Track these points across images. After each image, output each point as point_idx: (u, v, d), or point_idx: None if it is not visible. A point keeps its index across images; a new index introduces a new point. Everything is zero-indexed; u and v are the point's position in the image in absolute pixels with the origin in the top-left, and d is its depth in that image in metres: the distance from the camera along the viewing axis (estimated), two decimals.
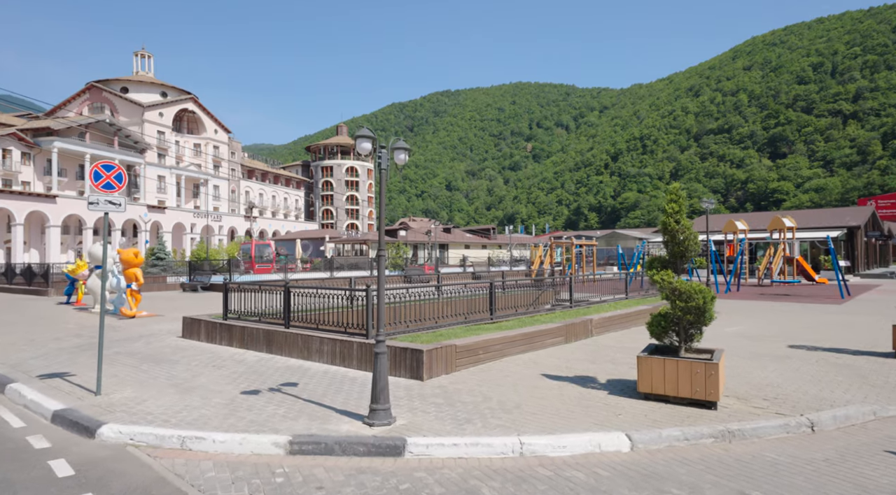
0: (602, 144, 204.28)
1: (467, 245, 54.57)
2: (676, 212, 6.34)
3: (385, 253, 5.93)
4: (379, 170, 5.82)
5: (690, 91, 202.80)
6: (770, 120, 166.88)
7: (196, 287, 27.42)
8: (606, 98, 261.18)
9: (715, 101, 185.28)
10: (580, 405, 6.18)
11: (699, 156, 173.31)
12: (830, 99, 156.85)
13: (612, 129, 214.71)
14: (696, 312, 6.16)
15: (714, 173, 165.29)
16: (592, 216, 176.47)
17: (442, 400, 6.49)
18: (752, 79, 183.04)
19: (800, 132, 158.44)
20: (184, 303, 20.98)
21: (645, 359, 6.29)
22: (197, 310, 16.93)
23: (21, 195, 46.81)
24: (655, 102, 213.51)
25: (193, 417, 5.85)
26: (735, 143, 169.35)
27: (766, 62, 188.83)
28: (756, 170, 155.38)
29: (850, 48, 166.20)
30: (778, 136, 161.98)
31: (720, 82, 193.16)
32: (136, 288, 15.95)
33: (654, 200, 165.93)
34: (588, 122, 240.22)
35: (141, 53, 72.43)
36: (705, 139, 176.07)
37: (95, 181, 6.70)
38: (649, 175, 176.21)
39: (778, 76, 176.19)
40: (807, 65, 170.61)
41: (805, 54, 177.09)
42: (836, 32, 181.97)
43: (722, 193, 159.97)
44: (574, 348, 9.95)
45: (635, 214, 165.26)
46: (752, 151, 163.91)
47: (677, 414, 5.79)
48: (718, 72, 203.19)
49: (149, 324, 14.33)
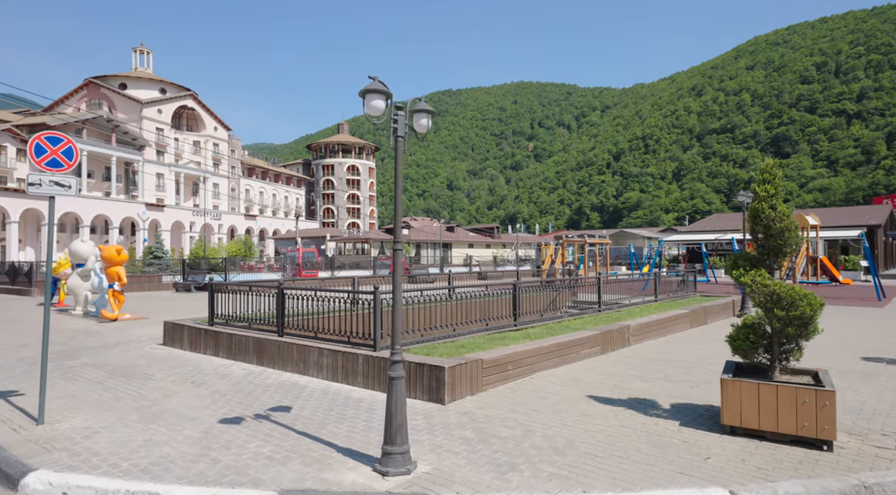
0: (604, 144, 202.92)
1: (471, 244, 53.18)
2: (771, 196, 4.99)
3: (402, 246, 4.58)
4: (395, 138, 4.47)
5: (693, 90, 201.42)
6: (773, 119, 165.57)
7: (189, 287, 26.03)
8: (608, 97, 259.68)
9: (718, 101, 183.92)
10: (651, 443, 4.82)
11: (702, 156, 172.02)
12: (834, 98, 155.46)
13: (614, 129, 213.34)
14: (798, 324, 4.81)
15: (717, 173, 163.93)
16: (594, 216, 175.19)
17: (472, 433, 5.14)
18: (755, 78, 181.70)
19: (803, 132, 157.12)
20: (175, 304, 19.64)
21: (732, 383, 4.94)
22: (187, 312, 15.59)
23: (16, 192, 45.49)
24: (657, 102, 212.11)
25: (152, 459, 4.51)
26: (738, 143, 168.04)
27: (769, 62, 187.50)
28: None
29: (853, 48, 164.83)
30: (781, 136, 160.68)
31: (723, 82, 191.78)
32: (118, 288, 14.59)
33: (656, 200, 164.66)
34: (590, 122, 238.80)
35: (140, 49, 71.08)
36: (708, 139, 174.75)
37: (37, 157, 5.35)
38: (651, 175, 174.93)
39: (781, 76, 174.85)
40: (810, 64, 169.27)
41: (808, 54, 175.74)
42: (840, 32, 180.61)
43: (725, 193, 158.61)
44: (613, 360, 8.60)
45: (637, 214, 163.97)
46: (755, 151, 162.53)
47: (784, 458, 4.44)
48: (721, 71, 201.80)
49: (130, 328, 12.98)
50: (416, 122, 4.61)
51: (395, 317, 4.51)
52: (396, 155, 4.54)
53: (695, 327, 12.32)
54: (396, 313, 4.51)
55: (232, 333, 8.91)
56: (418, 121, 4.62)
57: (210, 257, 40.19)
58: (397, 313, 4.51)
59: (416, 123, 4.61)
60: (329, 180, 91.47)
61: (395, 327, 4.50)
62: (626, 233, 46.91)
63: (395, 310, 4.51)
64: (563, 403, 6.11)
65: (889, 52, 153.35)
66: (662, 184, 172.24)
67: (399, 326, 4.52)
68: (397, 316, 4.51)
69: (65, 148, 5.53)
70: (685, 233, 38.53)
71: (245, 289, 9.27)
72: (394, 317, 4.51)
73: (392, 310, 4.56)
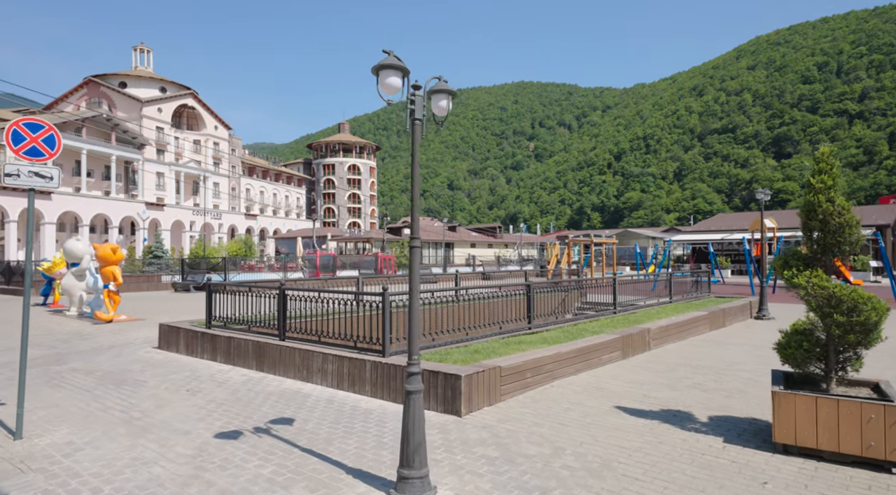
0: (605, 144, 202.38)
1: (473, 244, 52.62)
2: (829, 188, 4.49)
3: (419, 242, 4.08)
4: (412, 122, 3.98)
5: (694, 91, 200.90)
6: (775, 119, 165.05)
7: (189, 287, 25.46)
8: (609, 97, 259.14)
9: (719, 101, 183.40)
10: (696, 463, 4.32)
11: (703, 156, 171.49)
12: (836, 98, 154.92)
13: (615, 129, 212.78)
14: (861, 330, 4.31)
15: (718, 173, 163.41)
16: (595, 216, 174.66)
17: (495, 451, 4.64)
18: (756, 78, 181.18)
19: (805, 132, 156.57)
20: (173, 305, 19.14)
21: (785, 397, 4.44)
22: (185, 313, 15.10)
23: (15, 191, 44.96)
24: (658, 102, 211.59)
25: (139, 481, 4.01)
26: (739, 143, 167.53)
27: (771, 62, 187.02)
28: (761, 170, 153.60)
29: (855, 48, 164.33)
30: (783, 136, 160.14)
31: (724, 82, 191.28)
32: (114, 288, 14.08)
33: (657, 200, 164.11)
34: (591, 122, 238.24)
35: (140, 48, 70.57)
36: (709, 139, 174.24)
37: (15, 145, 4.85)
38: (653, 175, 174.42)
39: (783, 76, 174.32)
40: (812, 64, 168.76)
41: (810, 54, 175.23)
42: (842, 32, 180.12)
43: (726, 193, 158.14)
44: (636, 365, 8.09)
45: (639, 214, 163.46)
46: (756, 151, 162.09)
47: (850, 483, 3.93)
48: (722, 71, 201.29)
49: (125, 330, 12.48)
50: (436, 103, 4.12)
51: (411, 324, 4.00)
52: (413, 140, 4.05)
53: (714, 330, 11.82)
54: (413, 319, 4.00)
55: (230, 336, 8.41)
56: (437, 103, 4.13)
57: (209, 257, 39.70)
58: (414, 319, 4.00)
59: (435, 105, 4.12)
60: (330, 180, 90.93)
61: (413, 334, 4.00)
62: (630, 233, 46.33)
63: (411, 314, 4.00)
64: (591, 415, 5.61)
65: (891, 51, 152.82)
66: (664, 184, 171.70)
67: (417, 333, 4.01)
68: (414, 322, 4.00)
69: (45, 135, 5.04)
70: (690, 232, 37.96)
71: (244, 290, 8.76)
72: (411, 323, 4.01)
73: (408, 314, 4.05)
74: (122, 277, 15.24)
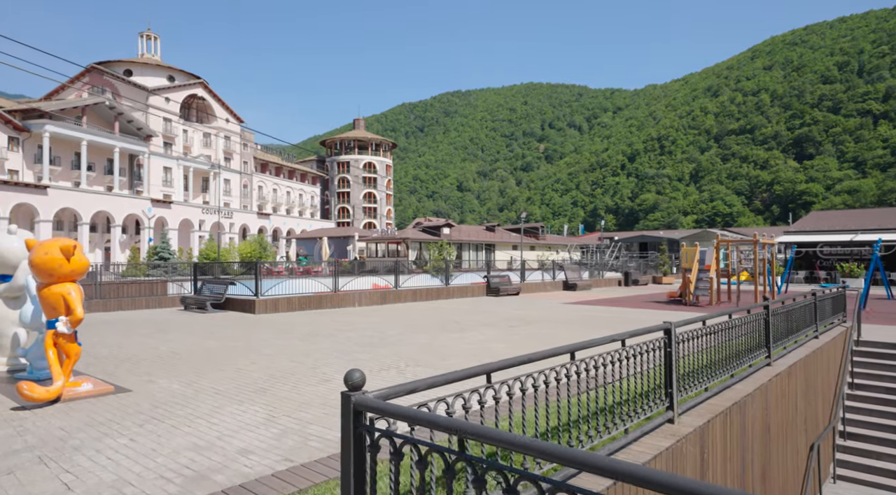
0: (617, 145, 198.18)
1: (514, 246, 47.94)
2: None
3: None
4: None
5: (708, 91, 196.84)
6: (795, 120, 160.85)
7: (204, 303, 17.36)
8: (620, 99, 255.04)
9: (735, 102, 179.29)
10: None
11: (720, 157, 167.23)
12: (859, 98, 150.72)
13: (627, 130, 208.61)
14: None
15: (737, 175, 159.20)
16: (609, 218, 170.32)
17: None
18: (773, 78, 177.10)
19: (827, 132, 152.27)
20: (183, 341, 10.70)
21: None
22: (208, 366, 8.00)
23: (7, 185, 40.27)
24: (672, 103, 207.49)
25: None
26: (758, 144, 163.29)
27: (788, 62, 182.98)
28: (782, 172, 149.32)
29: (877, 47, 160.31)
30: (804, 137, 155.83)
31: (739, 82, 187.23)
32: (67, 329, 6.36)
33: (674, 202, 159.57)
34: (601, 123, 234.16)
35: (147, 34, 65.92)
36: (726, 140, 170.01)
37: None
38: (668, 176, 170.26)
39: (801, 76, 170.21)
40: (831, 64, 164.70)
41: (829, 53, 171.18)
42: (861, 31, 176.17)
43: (746, 195, 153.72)
44: None
45: (654, 216, 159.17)
46: (776, 152, 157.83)
47: None
48: (737, 72, 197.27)
49: (78, 427, 5.22)
50: None
51: None
52: None
53: None
54: None
55: None
56: None
57: (223, 260, 34.76)
58: None
59: None
60: (344, 178, 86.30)
61: None
62: (710, 234, 41.55)
63: None
64: None
65: None
66: (680, 186, 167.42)
67: None
68: None
69: None
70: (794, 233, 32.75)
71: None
72: None
73: None
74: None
